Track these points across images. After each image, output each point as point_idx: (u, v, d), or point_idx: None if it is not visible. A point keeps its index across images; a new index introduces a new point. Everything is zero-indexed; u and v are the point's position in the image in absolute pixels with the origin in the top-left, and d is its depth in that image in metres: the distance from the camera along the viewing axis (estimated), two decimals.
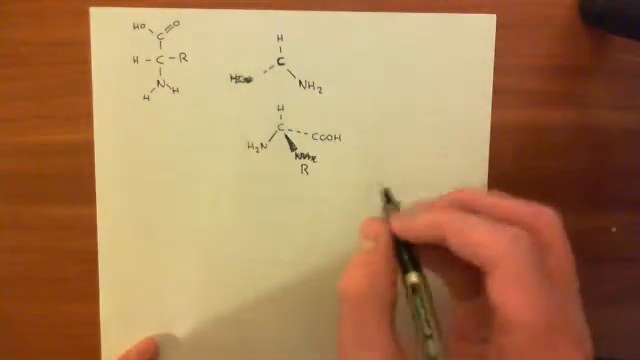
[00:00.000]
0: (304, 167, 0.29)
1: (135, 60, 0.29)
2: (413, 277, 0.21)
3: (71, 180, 0.30)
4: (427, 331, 0.20)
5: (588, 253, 0.30)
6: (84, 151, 0.29)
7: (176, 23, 0.29)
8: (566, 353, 0.20)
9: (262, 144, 0.29)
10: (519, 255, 0.20)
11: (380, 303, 0.21)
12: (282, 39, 0.29)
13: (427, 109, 0.29)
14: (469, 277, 0.23)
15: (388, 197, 0.25)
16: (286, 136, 0.29)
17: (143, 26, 0.28)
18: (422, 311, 0.20)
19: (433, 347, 0.20)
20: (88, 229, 0.30)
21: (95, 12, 0.28)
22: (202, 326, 0.30)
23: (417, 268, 0.22)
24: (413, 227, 0.22)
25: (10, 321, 0.31)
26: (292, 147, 0.29)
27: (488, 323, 0.20)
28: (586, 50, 0.30)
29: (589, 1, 0.28)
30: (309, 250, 0.30)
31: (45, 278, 0.30)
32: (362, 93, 0.29)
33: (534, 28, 0.29)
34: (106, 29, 0.29)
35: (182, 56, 0.29)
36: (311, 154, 0.29)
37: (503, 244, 0.20)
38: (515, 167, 0.30)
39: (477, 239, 0.20)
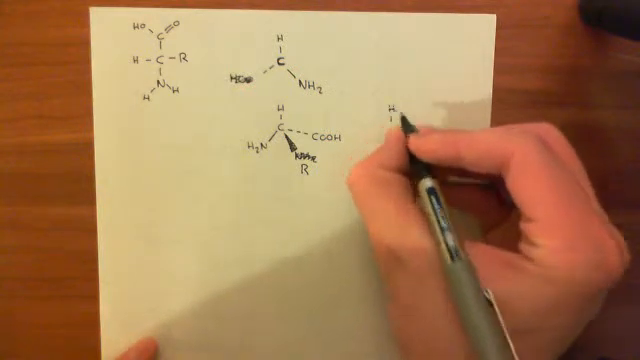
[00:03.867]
0: (304, 167, 0.29)
1: (135, 60, 0.29)
2: (429, 182, 0.23)
3: (71, 180, 0.30)
4: (444, 224, 0.21)
5: None
6: (84, 151, 0.29)
7: (176, 23, 0.29)
8: (586, 216, 0.21)
9: (262, 144, 0.29)
10: (528, 146, 0.21)
11: (386, 180, 0.24)
12: (282, 39, 0.29)
13: (427, 109, 0.29)
14: (495, 205, 0.25)
15: (405, 124, 0.26)
16: (286, 136, 0.29)
17: (143, 26, 0.29)
18: (438, 209, 0.22)
19: (450, 238, 0.21)
20: (88, 229, 0.30)
21: (95, 12, 0.28)
22: (202, 326, 0.30)
23: (432, 176, 0.23)
24: (428, 145, 0.23)
25: (10, 321, 0.31)
26: (292, 147, 0.29)
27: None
28: (586, 50, 0.30)
29: (589, 1, 0.28)
30: (309, 250, 0.30)
31: (45, 278, 0.30)
32: (362, 93, 0.29)
33: (534, 28, 0.29)
34: (106, 29, 0.29)
35: (182, 56, 0.29)
36: (311, 154, 0.29)
37: (512, 142, 0.21)
38: None
39: (487, 146, 0.21)
